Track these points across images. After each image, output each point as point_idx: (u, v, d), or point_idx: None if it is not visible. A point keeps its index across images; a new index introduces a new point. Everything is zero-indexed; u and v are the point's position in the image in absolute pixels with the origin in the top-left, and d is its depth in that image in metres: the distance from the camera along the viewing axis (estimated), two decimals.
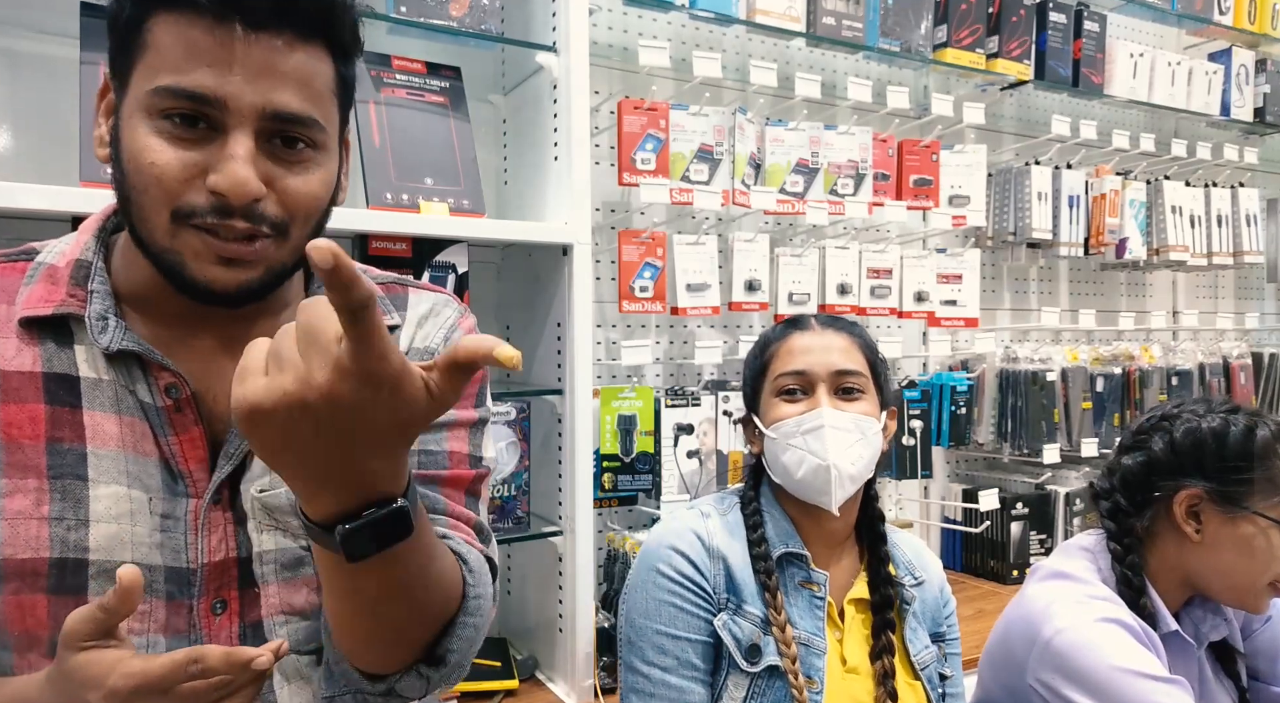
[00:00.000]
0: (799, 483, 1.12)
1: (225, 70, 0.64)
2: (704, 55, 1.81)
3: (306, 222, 0.71)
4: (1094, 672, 1.05)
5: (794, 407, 1.13)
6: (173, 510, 0.71)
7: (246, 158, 0.65)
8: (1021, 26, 2.29)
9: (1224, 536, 1.13)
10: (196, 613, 0.71)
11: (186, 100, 0.64)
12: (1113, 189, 2.53)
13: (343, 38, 0.71)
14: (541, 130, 1.68)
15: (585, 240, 1.61)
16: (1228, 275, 3.26)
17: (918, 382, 2.23)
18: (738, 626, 1.08)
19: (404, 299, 0.85)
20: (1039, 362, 2.37)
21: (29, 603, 0.67)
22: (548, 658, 1.71)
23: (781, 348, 1.17)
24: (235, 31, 0.64)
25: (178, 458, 0.72)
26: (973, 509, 2.33)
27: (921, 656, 1.14)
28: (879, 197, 2.13)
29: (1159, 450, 1.19)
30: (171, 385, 0.72)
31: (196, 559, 0.71)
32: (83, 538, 0.68)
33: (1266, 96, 2.83)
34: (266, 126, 0.67)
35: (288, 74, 0.66)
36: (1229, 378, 2.79)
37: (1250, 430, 1.14)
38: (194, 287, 0.68)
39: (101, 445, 0.70)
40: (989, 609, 2.12)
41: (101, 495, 0.69)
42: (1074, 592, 1.14)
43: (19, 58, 1.46)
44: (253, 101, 0.65)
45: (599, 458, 1.76)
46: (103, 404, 0.71)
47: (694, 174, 1.87)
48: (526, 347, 1.80)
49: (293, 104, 0.67)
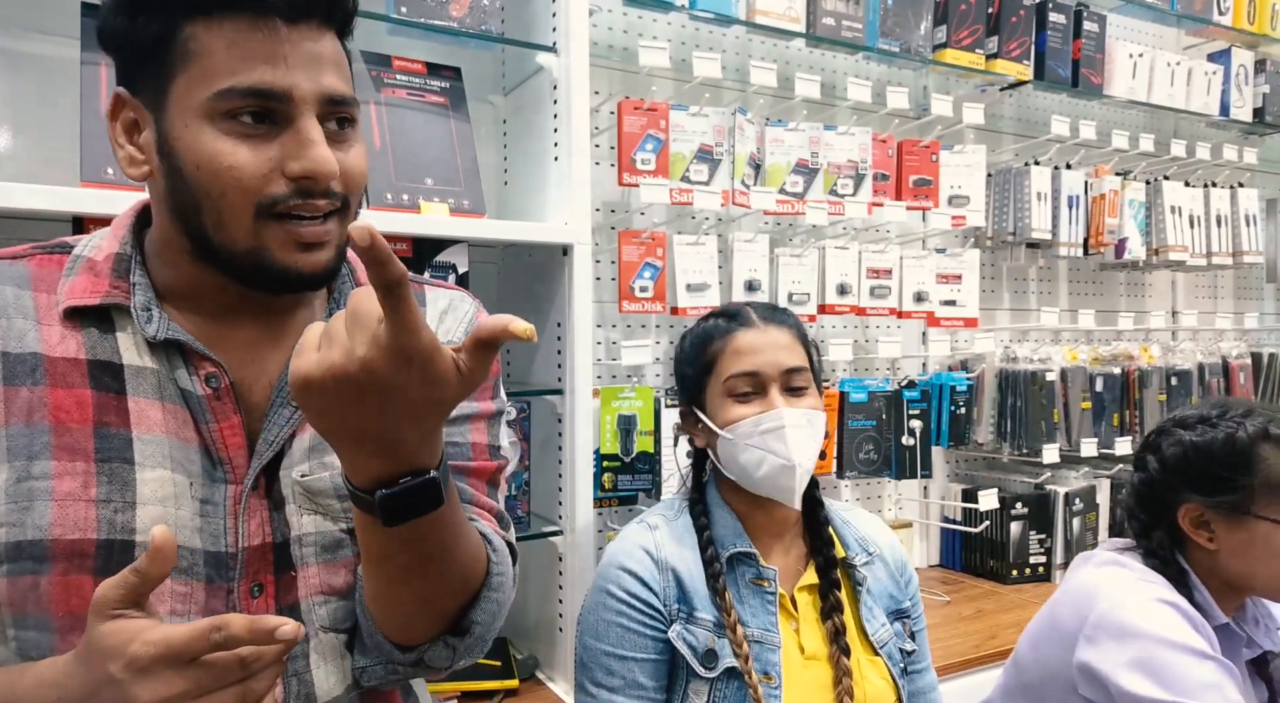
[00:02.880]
0: (759, 481, 1.14)
1: (280, 64, 0.67)
2: (704, 55, 1.82)
3: (358, 194, 0.75)
4: (1142, 642, 1.06)
5: (748, 407, 1.16)
6: (212, 496, 0.74)
7: (322, 140, 0.69)
8: (1021, 27, 2.29)
9: (1237, 541, 1.12)
10: (236, 595, 0.74)
11: (253, 98, 0.67)
12: (1112, 189, 2.53)
13: (347, 19, 0.75)
14: (541, 131, 1.69)
15: (585, 240, 1.62)
16: (1227, 275, 3.26)
17: (917, 382, 2.24)
18: (691, 634, 1.10)
19: (422, 295, 0.89)
20: (1038, 362, 2.38)
21: (75, 584, 0.69)
22: (548, 658, 1.71)
23: (728, 346, 1.17)
24: (277, 27, 0.67)
25: (218, 444, 0.74)
26: (972, 509, 2.33)
27: (879, 634, 1.16)
28: (879, 197, 2.13)
29: (1154, 470, 1.20)
30: (211, 375, 0.74)
31: (236, 543, 0.74)
32: (130, 520, 0.70)
33: (1266, 97, 2.83)
34: (324, 111, 0.70)
35: (327, 59, 0.70)
36: (1228, 378, 2.79)
37: (1230, 438, 1.14)
38: (279, 276, 0.71)
39: (146, 431, 0.72)
40: (989, 609, 2.12)
41: (148, 479, 0.71)
42: (1129, 575, 1.16)
43: (19, 58, 1.46)
44: (312, 89, 0.69)
45: (599, 458, 1.76)
46: (146, 391, 0.73)
47: (694, 174, 1.87)
48: (526, 347, 1.80)
49: (339, 87, 0.71)
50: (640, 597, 1.11)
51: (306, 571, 0.77)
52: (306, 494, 0.77)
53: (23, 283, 0.73)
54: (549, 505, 1.70)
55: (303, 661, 0.76)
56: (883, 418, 2.14)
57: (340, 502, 0.78)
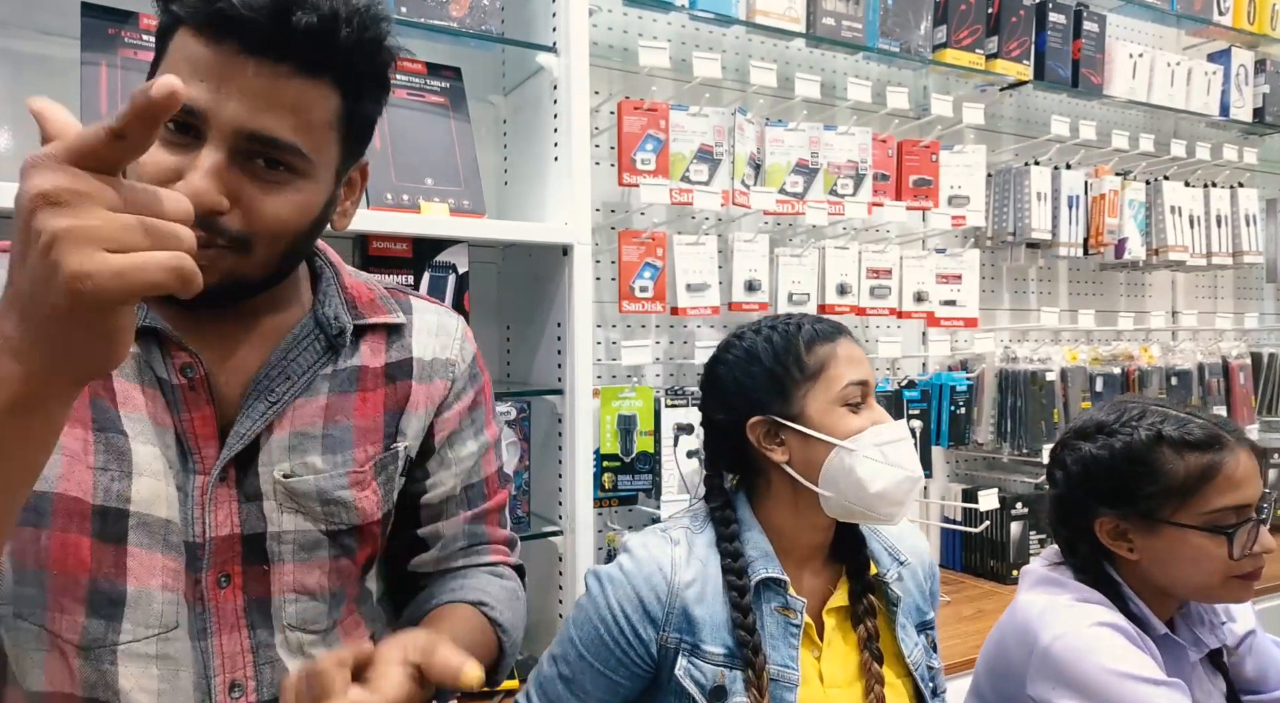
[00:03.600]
0: (872, 496, 1.04)
1: (214, 87, 0.66)
2: (704, 56, 1.82)
3: (274, 241, 0.72)
4: (1091, 678, 1.04)
5: (860, 419, 1.07)
6: (184, 484, 0.75)
7: (209, 170, 0.66)
8: (1021, 27, 2.29)
9: (1158, 548, 1.10)
10: (204, 585, 0.75)
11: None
12: (1112, 189, 2.53)
13: (352, 77, 0.72)
14: (542, 131, 1.69)
15: (585, 241, 1.62)
16: (1227, 275, 3.26)
17: (917, 382, 2.24)
18: (698, 669, 1.03)
19: (408, 304, 0.91)
20: (1038, 362, 2.38)
21: (73, 543, 0.70)
22: None
23: (838, 353, 1.08)
24: (233, 53, 0.66)
25: (188, 435, 0.75)
26: (972, 509, 2.33)
27: (914, 656, 1.12)
28: (878, 197, 2.13)
29: (1062, 485, 1.18)
30: (187, 365, 0.75)
31: (203, 533, 0.75)
32: (125, 489, 0.72)
33: (1266, 97, 2.83)
34: (245, 146, 0.68)
35: (276, 100, 0.68)
36: (1228, 378, 2.79)
37: (1127, 446, 1.11)
38: None
39: (132, 410, 0.74)
40: (989, 609, 2.12)
41: (141, 452, 0.73)
42: (1066, 597, 1.14)
43: (19, 58, 1.46)
44: (231, 119, 0.67)
45: (599, 458, 1.76)
46: (128, 375, 0.74)
47: (694, 174, 1.87)
48: (526, 347, 1.80)
49: (274, 129, 0.68)
50: (632, 622, 1.04)
51: (282, 567, 0.78)
52: (289, 493, 0.78)
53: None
54: (549, 505, 1.70)
55: (274, 651, 0.78)
56: None
57: (322, 505, 0.80)
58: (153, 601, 0.72)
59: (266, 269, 0.74)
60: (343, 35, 0.69)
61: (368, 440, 0.83)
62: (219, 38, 0.66)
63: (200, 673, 0.74)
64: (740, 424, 1.09)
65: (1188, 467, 1.08)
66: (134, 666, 0.72)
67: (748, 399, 1.09)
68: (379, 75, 0.76)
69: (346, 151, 0.77)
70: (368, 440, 0.83)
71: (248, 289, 0.75)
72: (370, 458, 0.83)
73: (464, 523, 0.92)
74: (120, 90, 1.31)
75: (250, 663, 0.77)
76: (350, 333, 0.83)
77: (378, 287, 0.90)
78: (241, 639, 0.76)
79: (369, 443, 0.83)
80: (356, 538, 0.82)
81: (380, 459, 0.84)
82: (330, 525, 0.80)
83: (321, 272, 0.86)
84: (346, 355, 0.83)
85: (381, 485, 0.84)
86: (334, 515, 0.81)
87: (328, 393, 0.82)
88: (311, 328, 0.81)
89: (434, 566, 0.93)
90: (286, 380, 0.79)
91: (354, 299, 0.86)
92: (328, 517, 0.80)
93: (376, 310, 0.87)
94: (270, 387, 0.78)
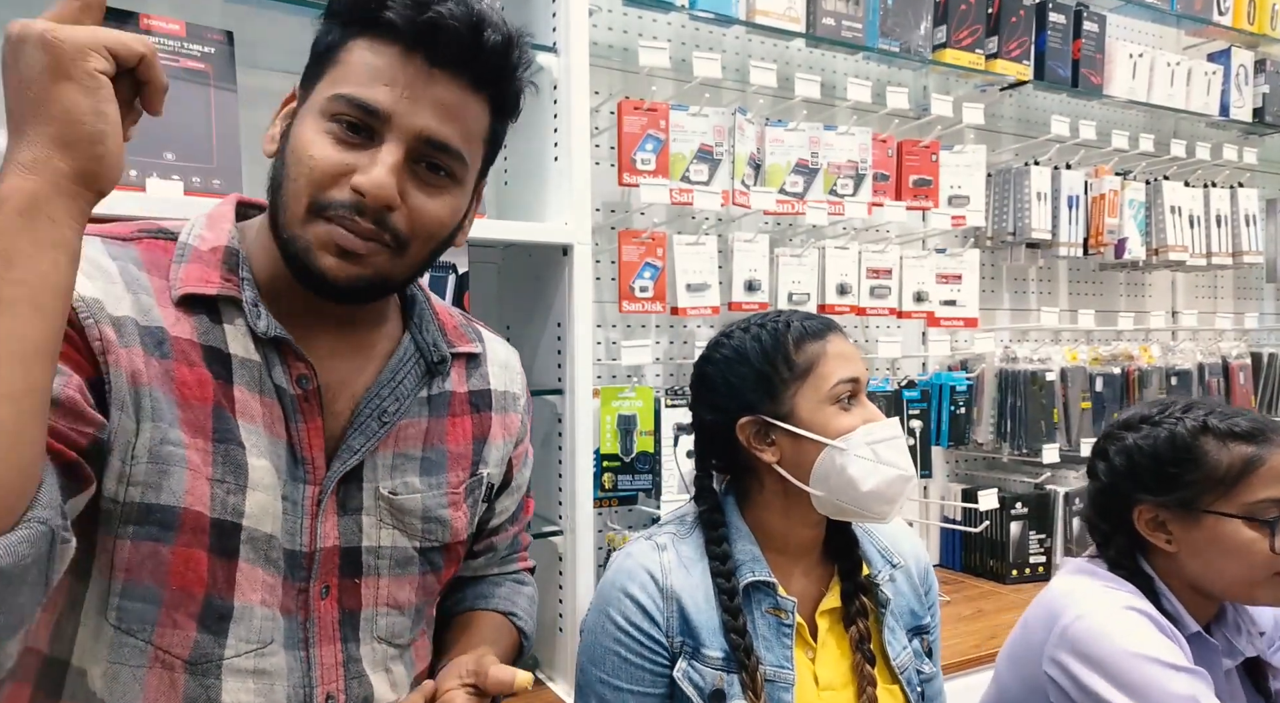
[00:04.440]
0: (864, 495, 1.03)
1: (399, 91, 0.72)
2: (704, 56, 1.82)
3: (427, 242, 0.77)
4: (1111, 656, 1.04)
5: (852, 417, 1.05)
6: (292, 493, 0.76)
7: (392, 167, 0.71)
8: (1021, 27, 2.29)
9: (1196, 540, 1.10)
10: (310, 595, 0.77)
11: (358, 108, 0.72)
12: (1112, 189, 2.53)
13: (506, 97, 0.79)
14: (542, 131, 1.69)
15: (585, 240, 1.62)
16: (1227, 275, 3.26)
17: (917, 381, 2.24)
18: (697, 673, 1.02)
19: (479, 332, 0.96)
20: (1038, 362, 2.38)
21: (195, 558, 0.71)
22: (548, 658, 1.71)
23: (828, 350, 1.06)
24: (419, 63, 0.72)
25: (303, 444, 0.77)
26: (972, 509, 2.33)
27: (900, 659, 1.10)
28: (878, 197, 2.13)
29: (1105, 476, 1.18)
30: (304, 376, 0.77)
31: (312, 543, 0.77)
32: (239, 503, 0.73)
33: (1265, 97, 2.83)
34: (417, 148, 0.73)
35: (450, 109, 0.74)
36: (1228, 378, 2.79)
37: (1171, 435, 1.12)
38: (311, 274, 0.73)
39: (250, 421, 0.75)
40: (989, 609, 2.12)
41: (257, 466, 0.74)
42: (1096, 584, 1.14)
43: None
44: (413, 122, 0.72)
45: (599, 458, 1.76)
46: (249, 383, 0.75)
47: (694, 174, 1.87)
48: (526, 347, 1.80)
49: (445, 134, 0.74)
50: (640, 627, 1.03)
51: (377, 581, 0.81)
52: (391, 510, 0.81)
53: (138, 264, 0.75)
54: (549, 506, 1.70)
55: (360, 665, 0.80)
56: None
57: (423, 522, 0.83)
58: (254, 616, 0.74)
59: (410, 271, 0.78)
60: (514, 58, 0.77)
61: (459, 465, 0.88)
62: (411, 48, 0.72)
63: (298, 684, 0.76)
64: (730, 424, 1.07)
65: (1231, 457, 1.09)
66: (234, 680, 0.73)
67: (737, 399, 1.08)
68: (518, 98, 0.82)
69: (484, 167, 0.83)
70: (459, 465, 0.88)
71: (389, 289, 0.79)
72: (461, 482, 0.88)
73: (512, 536, 1.01)
74: None
75: (342, 676, 0.79)
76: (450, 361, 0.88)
77: (458, 313, 0.95)
78: (336, 652, 0.79)
79: (460, 468, 0.88)
80: (444, 556, 0.86)
81: (469, 484, 0.88)
82: (425, 542, 0.84)
83: (414, 296, 0.89)
84: (440, 381, 0.88)
85: (470, 508, 0.88)
86: (430, 533, 0.84)
87: (427, 417, 0.86)
88: (413, 352, 0.85)
89: (473, 571, 0.99)
90: (396, 401, 0.82)
91: (444, 325, 0.90)
92: (425, 534, 0.84)
93: (462, 339, 0.91)
94: (382, 406, 0.81)
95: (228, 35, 1.45)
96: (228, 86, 1.44)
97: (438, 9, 0.71)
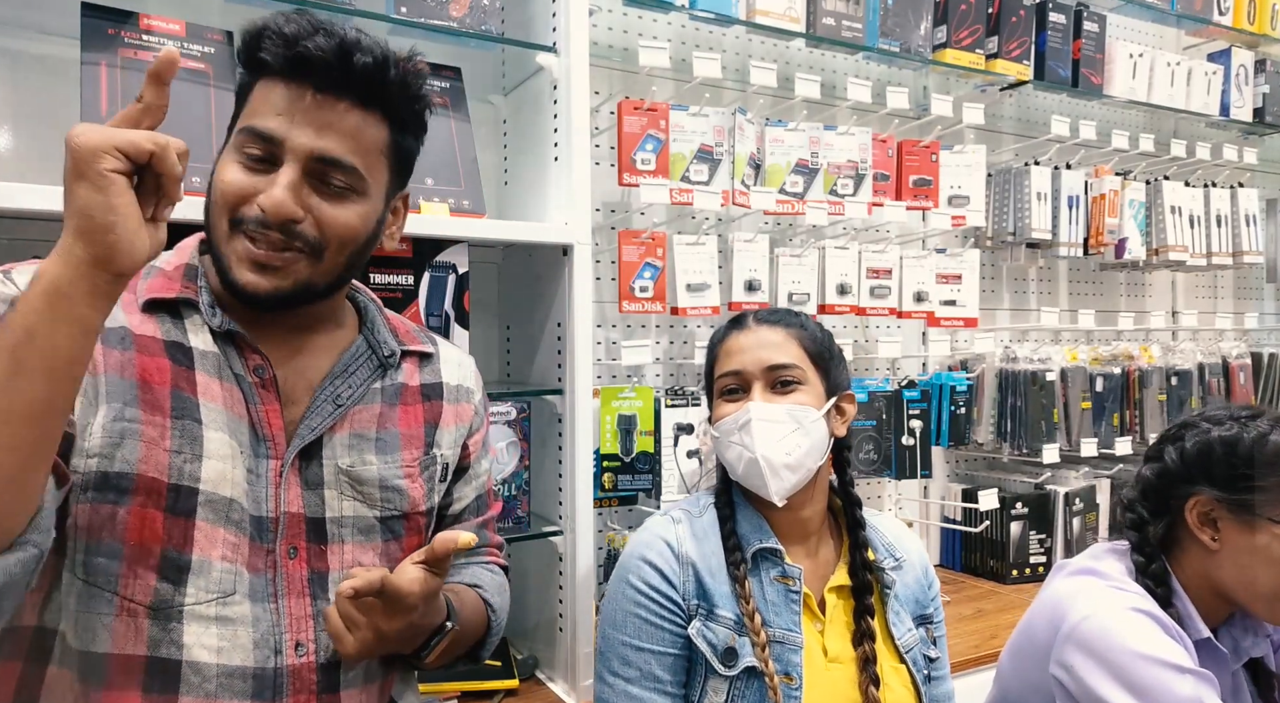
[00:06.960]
0: (742, 477, 1.17)
1: (290, 120, 0.83)
2: (704, 56, 1.82)
3: (342, 247, 0.88)
4: (1115, 656, 1.04)
5: (733, 405, 1.18)
6: (255, 467, 0.87)
7: (287, 186, 0.82)
8: (1021, 27, 2.29)
9: (1243, 544, 1.10)
10: (277, 554, 0.88)
11: (257, 137, 0.84)
12: (1112, 189, 2.53)
13: (397, 111, 0.89)
14: (542, 131, 1.69)
15: (585, 241, 1.62)
16: (1227, 276, 3.26)
17: (917, 382, 2.24)
18: (711, 631, 1.10)
19: (433, 338, 1.09)
20: (1038, 362, 2.38)
21: (150, 517, 0.81)
22: (548, 658, 1.71)
23: (722, 349, 1.22)
24: (305, 93, 0.83)
25: (263, 424, 0.89)
26: (972, 509, 2.33)
27: (905, 639, 1.15)
28: (878, 197, 2.13)
29: (1171, 460, 1.18)
30: (259, 366, 0.90)
31: (277, 509, 0.88)
32: (196, 470, 0.83)
33: (1266, 97, 2.83)
34: (315, 167, 0.84)
35: (339, 129, 0.85)
36: (1228, 378, 2.79)
37: (1263, 437, 1.12)
38: (235, 287, 0.85)
39: (211, 400, 0.86)
40: (989, 609, 2.12)
41: (212, 438, 0.85)
42: (1101, 584, 1.14)
43: (19, 58, 1.46)
44: (304, 144, 0.83)
45: (599, 458, 1.76)
46: (209, 370, 0.87)
47: (694, 174, 1.87)
48: (526, 347, 1.80)
49: (336, 151, 0.85)
50: (659, 589, 1.11)
51: (342, 547, 0.91)
52: (351, 482, 0.92)
53: None
54: (549, 505, 1.70)
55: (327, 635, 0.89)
56: (883, 418, 2.15)
57: (381, 491, 0.94)
58: (213, 569, 0.83)
59: (330, 277, 0.89)
60: (391, 75, 0.86)
61: (412, 445, 0.98)
62: (296, 80, 0.83)
63: (266, 632, 0.85)
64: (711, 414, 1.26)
65: None
66: (197, 625, 0.82)
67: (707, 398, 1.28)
68: (419, 114, 0.93)
69: (394, 179, 0.93)
70: (412, 445, 0.98)
71: (314, 295, 0.90)
72: (416, 459, 0.98)
73: (475, 527, 1.08)
74: (120, 90, 1.31)
75: (311, 627, 0.88)
76: (399, 356, 1.00)
77: (410, 323, 1.09)
78: (305, 605, 0.88)
79: (413, 447, 0.98)
80: (404, 525, 0.96)
81: (423, 461, 0.99)
82: (385, 511, 0.94)
83: (366, 306, 1.02)
84: (392, 375, 0.99)
85: (426, 482, 0.99)
86: (389, 501, 0.95)
87: (380, 403, 0.97)
88: (365, 349, 0.98)
89: None
90: (349, 388, 0.94)
91: (395, 329, 1.03)
92: (384, 502, 0.94)
93: (414, 341, 1.04)
94: (336, 391, 0.94)
95: (228, 35, 1.46)
96: (228, 87, 1.44)
97: (305, 44, 0.82)
